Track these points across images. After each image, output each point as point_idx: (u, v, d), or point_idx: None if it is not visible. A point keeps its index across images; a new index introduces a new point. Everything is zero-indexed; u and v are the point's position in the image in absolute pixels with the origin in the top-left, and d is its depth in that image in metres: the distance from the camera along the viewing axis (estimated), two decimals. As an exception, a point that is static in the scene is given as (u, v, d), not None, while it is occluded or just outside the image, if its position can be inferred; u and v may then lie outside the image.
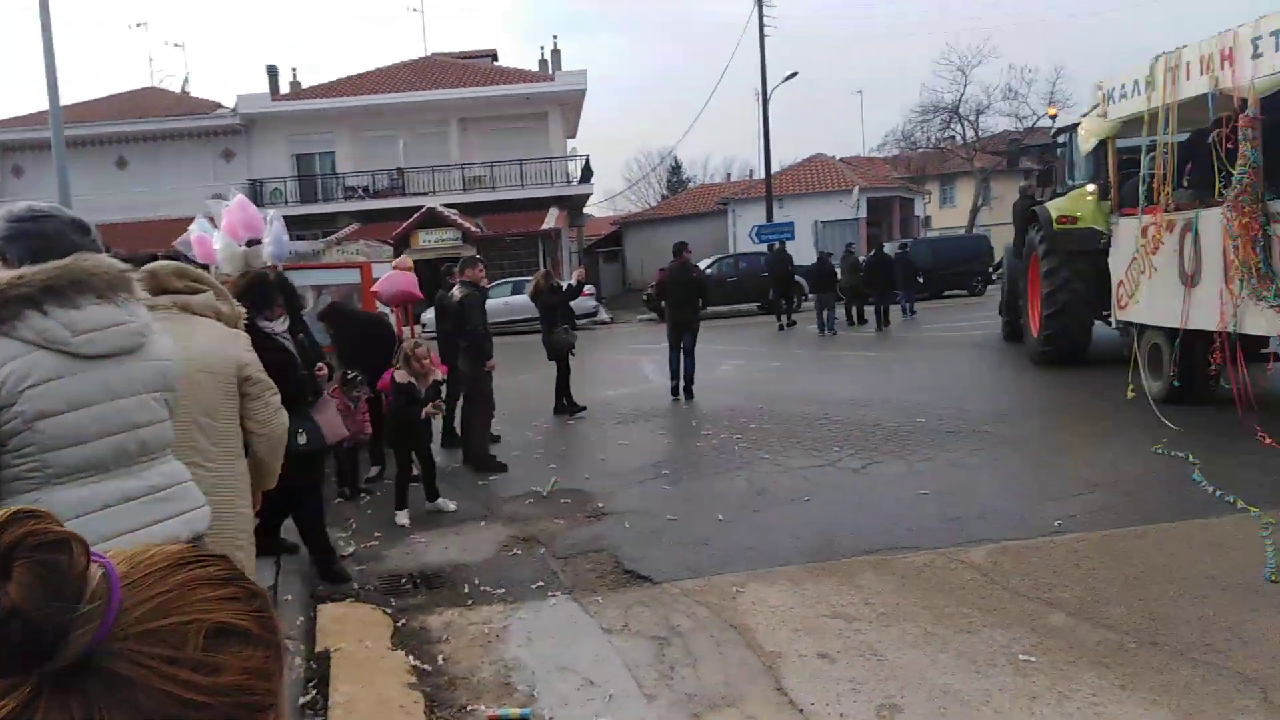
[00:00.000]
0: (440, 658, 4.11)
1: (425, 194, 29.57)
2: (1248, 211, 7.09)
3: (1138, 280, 8.90)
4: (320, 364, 5.14)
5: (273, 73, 32.29)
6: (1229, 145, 7.33)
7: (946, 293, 26.14)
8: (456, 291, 8.11)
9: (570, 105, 32.40)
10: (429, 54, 34.86)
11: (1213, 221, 7.55)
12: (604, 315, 28.29)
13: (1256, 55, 6.99)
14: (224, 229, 8.83)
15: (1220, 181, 7.44)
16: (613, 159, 57.19)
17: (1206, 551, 4.74)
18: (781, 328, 20.69)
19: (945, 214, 43.08)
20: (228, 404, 3.03)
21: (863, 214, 32.49)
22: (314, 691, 3.66)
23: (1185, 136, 8.41)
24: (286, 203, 28.72)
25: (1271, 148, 7.10)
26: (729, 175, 55.01)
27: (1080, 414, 8.47)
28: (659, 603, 4.65)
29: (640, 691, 3.73)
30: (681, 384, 10.81)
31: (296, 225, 13.90)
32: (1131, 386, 8.71)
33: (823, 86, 74.71)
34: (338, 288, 8.74)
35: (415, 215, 26.97)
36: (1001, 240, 19.43)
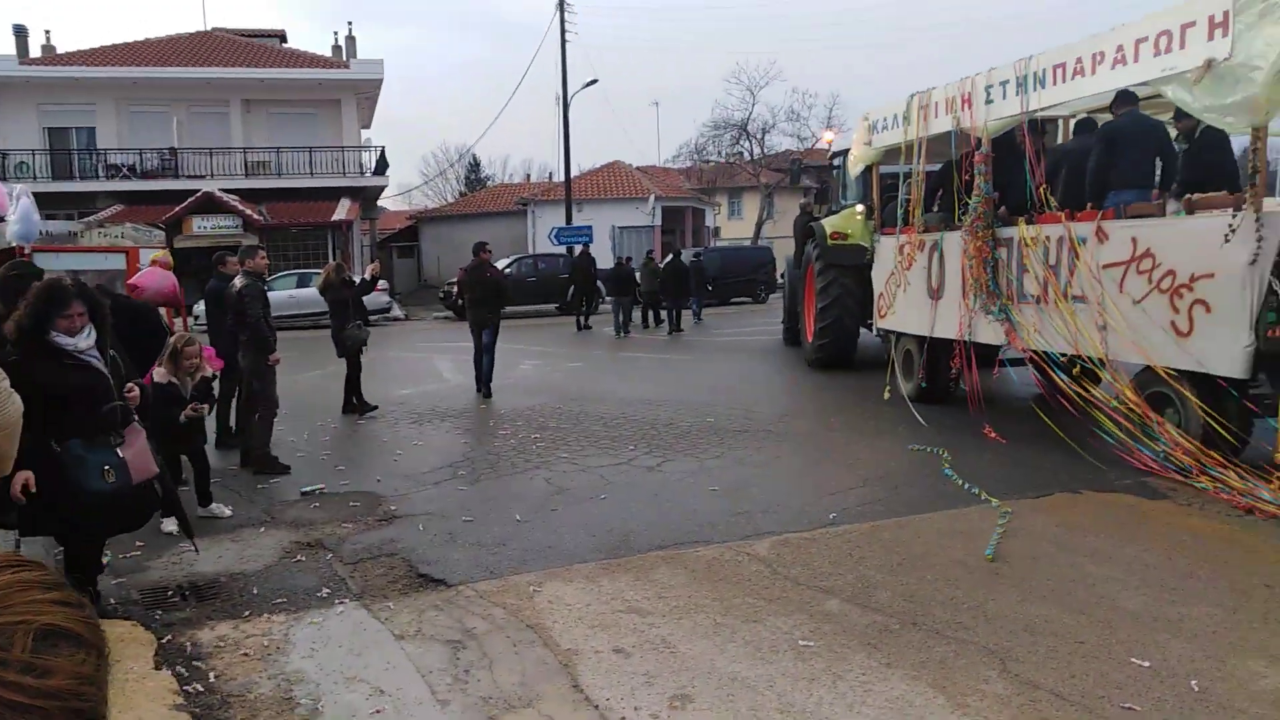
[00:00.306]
0: (212, 675, 3.81)
1: (202, 177, 27.42)
2: (980, 236, 8.03)
3: (894, 293, 9.84)
4: (130, 385, 4.36)
5: (20, 32, 28.73)
6: (967, 177, 8.27)
7: (733, 300, 27.42)
8: (237, 281, 7.58)
9: (365, 94, 31.12)
10: (209, 29, 32.31)
11: (954, 243, 8.53)
12: (398, 312, 27.40)
13: (989, 101, 7.97)
14: (-43, 203, 7.80)
15: (960, 209, 8.41)
16: (409, 152, 55.70)
17: (957, 539, 5.25)
18: (580, 329, 20.90)
19: (733, 225, 45.15)
20: None
21: (658, 222, 33.43)
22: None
23: (938, 166, 9.39)
24: (35, 178, 25.68)
25: (1001, 181, 8.06)
26: (529, 176, 54.92)
27: (851, 414, 9.14)
28: (454, 606, 4.56)
29: (433, 697, 3.64)
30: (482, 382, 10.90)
31: (47, 204, 12.43)
32: (889, 388, 9.73)
33: (621, 96, 76.31)
34: (99, 274, 7.93)
35: (190, 199, 24.95)
36: (784, 252, 20.68)
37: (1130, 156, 7.04)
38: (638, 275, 21.13)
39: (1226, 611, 4.08)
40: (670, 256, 21.93)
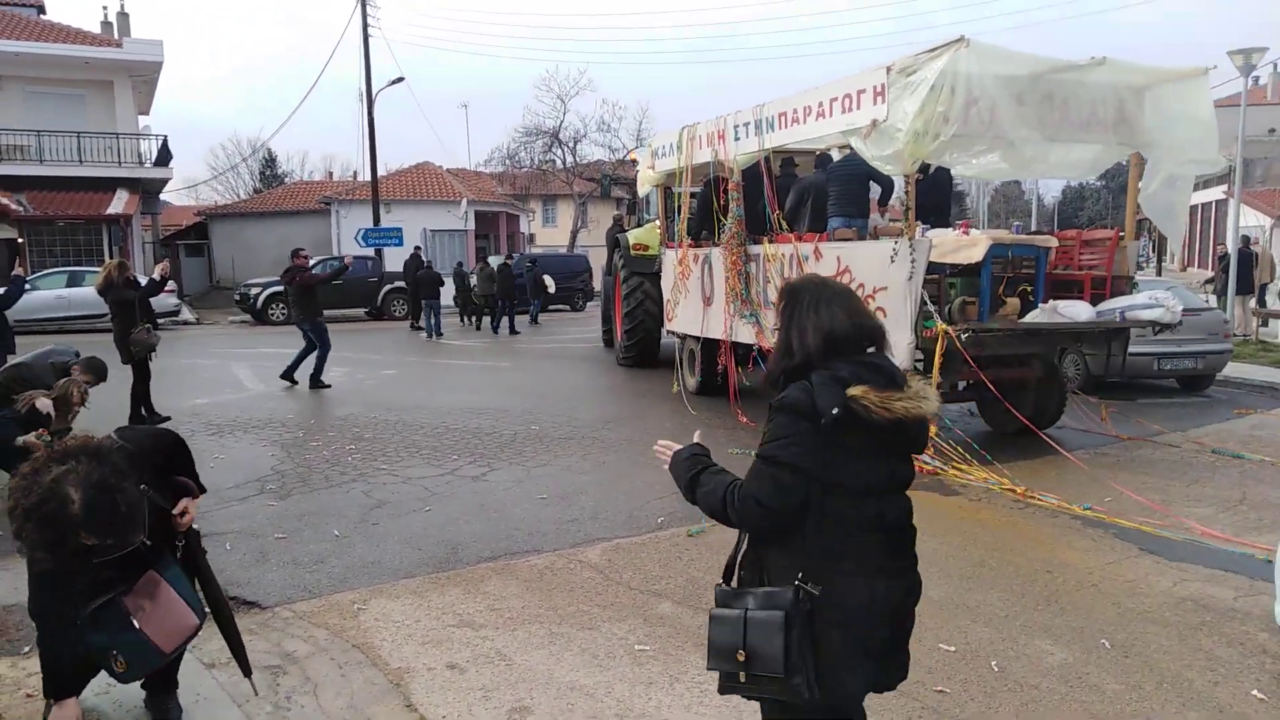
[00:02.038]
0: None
1: (-57, 159, 24.19)
2: (735, 251, 9.35)
3: (677, 299, 11.09)
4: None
5: None
6: (722, 202, 9.60)
7: (551, 306, 27.41)
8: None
9: (143, 77, 28.52)
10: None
11: (719, 258, 9.83)
12: (188, 315, 25.34)
13: (736, 138, 9.21)
14: None
15: (719, 229, 9.74)
16: (195, 144, 51.43)
17: (778, 538, 5.49)
18: (420, 332, 20.58)
19: (548, 232, 45.21)
20: None
21: (471, 226, 32.88)
22: None
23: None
24: None
25: (750, 205, 9.31)
26: (330, 174, 52.47)
27: (670, 419, 9.36)
28: (271, 629, 4.27)
29: (253, 729, 3.39)
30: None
31: None
32: (677, 383, 11.00)
33: (429, 96, 74.55)
34: None
35: (-71, 184, 21.95)
36: (599, 260, 21.22)
37: (842, 191, 8.41)
38: (472, 279, 22.18)
39: (1015, 596, 4.52)
40: (503, 260, 22.56)
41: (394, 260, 27.83)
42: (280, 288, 23.99)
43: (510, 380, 12.84)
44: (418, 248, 24.77)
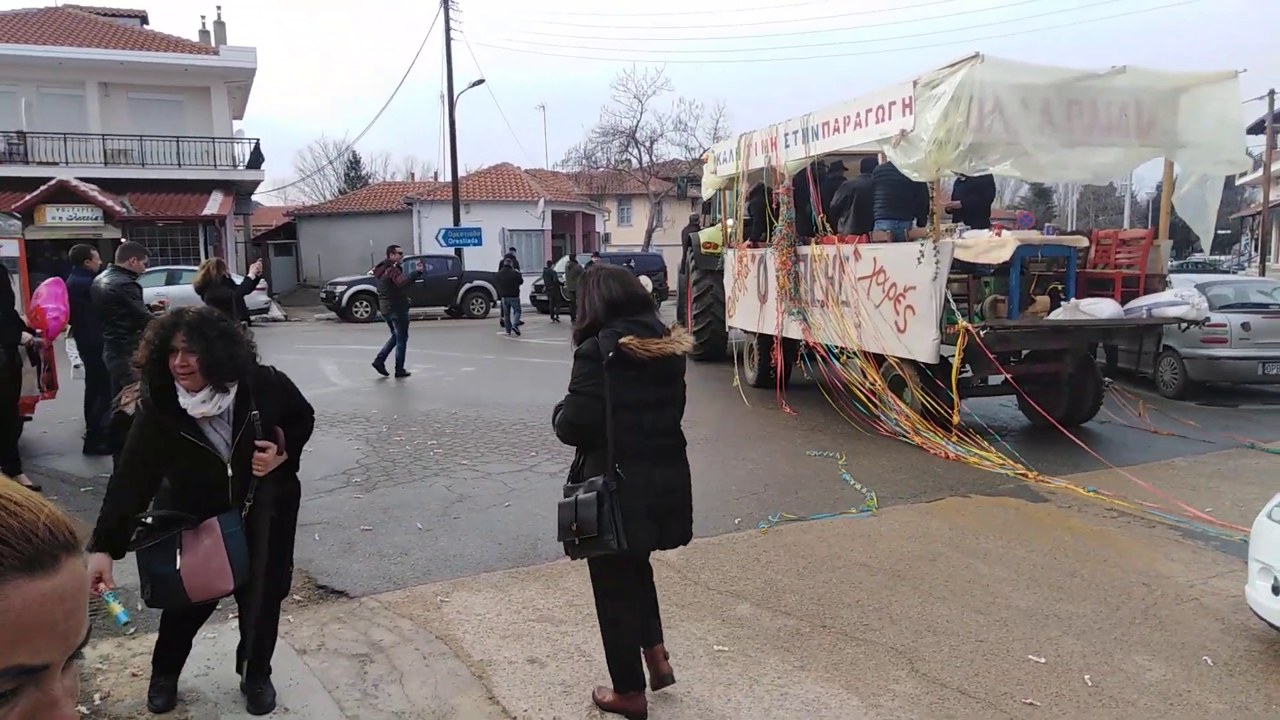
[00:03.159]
0: (97, 696, 3.53)
1: (55, 164, 25.49)
2: (785, 252, 9.93)
3: (737, 297, 11.73)
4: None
5: None
6: (774, 206, 10.17)
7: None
8: (105, 279, 7.11)
9: (237, 83, 29.64)
10: (60, 4, 30.08)
11: (771, 258, 10.40)
12: (277, 312, 26.24)
13: (787, 145, 9.80)
14: None
15: (770, 231, 10.38)
16: (284, 146, 53.28)
17: (858, 541, 5.42)
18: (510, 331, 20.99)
19: (623, 232, 45.39)
20: None
21: (548, 226, 33.24)
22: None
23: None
24: None
25: (800, 208, 9.91)
26: (412, 175, 53.71)
27: (744, 419, 9.31)
28: (358, 618, 4.38)
29: (342, 713, 3.49)
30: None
31: (-122, 185, 11.31)
32: (736, 377, 11.40)
33: (509, 97, 75.61)
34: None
35: (42, 188, 23.20)
36: (673, 259, 21.40)
37: (888, 195, 8.79)
38: (562, 277, 22.97)
39: (1110, 608, 4.35)
40: (591, 259, 23.15)
41: (473, 260, 28.34)
42: (364, 286, 24.80)
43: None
44: (513, 249, 25.45)
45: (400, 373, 12.63)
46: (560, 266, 25.19)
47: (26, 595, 0.66)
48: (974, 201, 9.15)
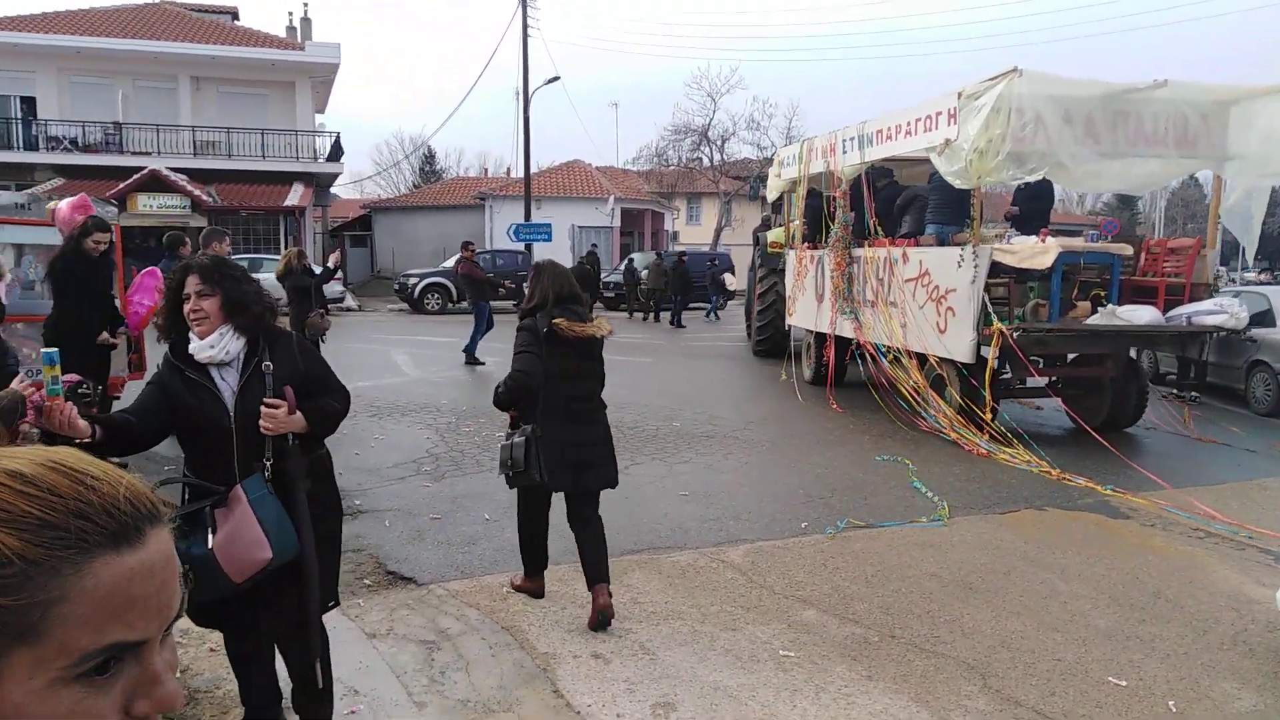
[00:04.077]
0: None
1: (148, 154, 26.54)
2: (840, 253, 10.34)
3: (796, 296, 12.22)
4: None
5: (-43, -7, 27.52)
6: (831, 209, 10.61)
7: (693, 305, 27.41)
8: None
9: (320, 78, 30.45)
10: (157, 0, 31.26)
11: (828, 259, 10.79)
12: (351, 302, 26.87)
13: (844, 151, 10.20)
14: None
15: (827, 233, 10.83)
16: (362, 140, 54.68)
17: (929, 551, 5.30)
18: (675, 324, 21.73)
19: (692, 230, 45.29)
20: None
21: (617, 223, 33.36)
22: None
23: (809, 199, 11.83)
24: (-30, 146, 24.62)
25: (856, 211, 10.31)
26: (485, 170, 54.41)
27: (815, 424, 9.19)
28: (426, 605, 4.45)
29: (410, 699, 3.54)
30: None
31: (-14, 172, 11.91)
32: (785, 373, 11.80)
33: (581, 94, 76.04)
34: (47, 249, 7.58)
35: (135, 176, 24.15)
36: (742, 258, 21.40)
37: (940, 201, 9.02)
38: (644, 274, 23.64)
39: (1196, 633, 4.17)
40: (679, 256, 24.11)
41: (542, 255, 28.59)
42: (436, 279, 25.29)
43: (652, 376, 12.93)
44: (594, 246, 25.90)
45: (472, 360, 13.10)
46: (641, 262, 25.39)
47: (116, 571, 0.66)
48: (1033, 208, 9.46)
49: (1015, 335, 7.67)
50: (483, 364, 12.98)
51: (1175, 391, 11.14)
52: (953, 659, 3.91)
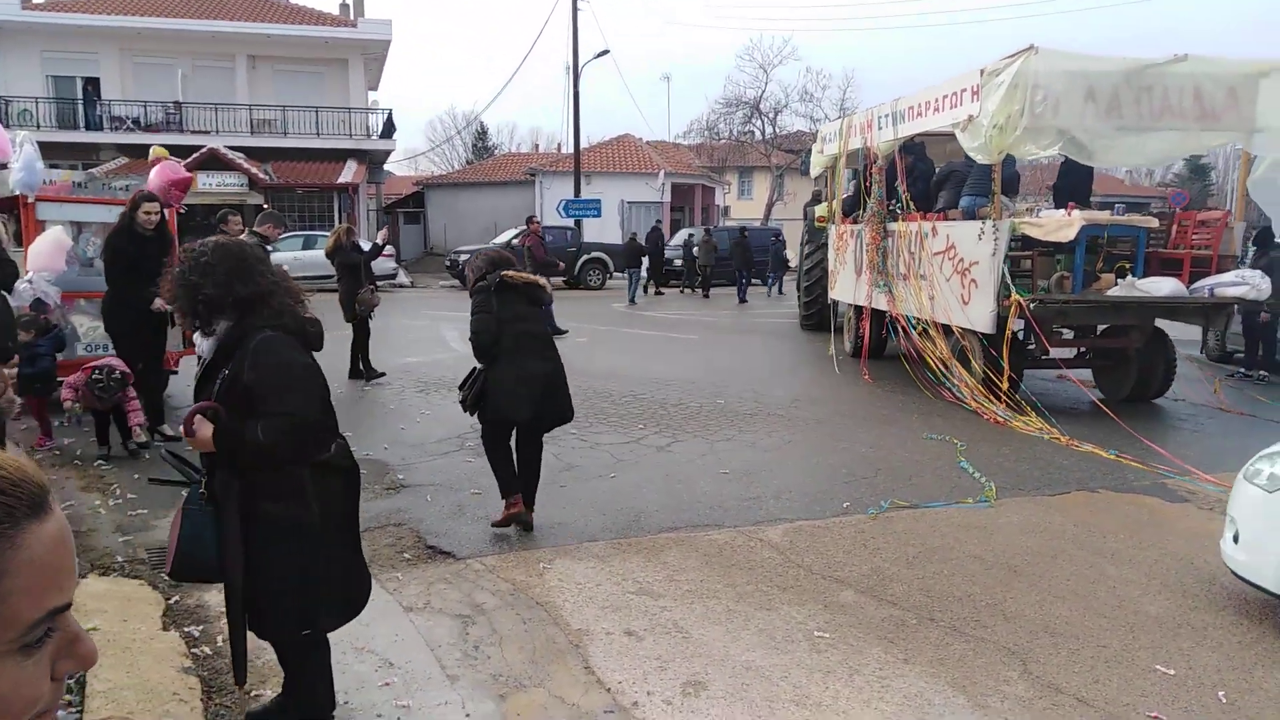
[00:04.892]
0: (220, 638, 3.73)
1: (207, 133, 27.12)
2: (875, 228, 10.68)
3: (838, 270, 12.55)
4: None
5: (25, -23, 28.28)
6: (867, 184, 10.98)
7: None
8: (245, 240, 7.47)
9: (373, 55, 30.72)
10: (217, -21, 31.74)
11: (865, 233, 11.12)
12: (404, 278, 27.21)
13: (880, 128, 10.46)
14: (-39, 147, 7.63)
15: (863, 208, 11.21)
16: (414, 116, 54.94)
17: (972, 533, 5.18)
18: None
19: (743, 205, 44.92)
20: None
21: (667, 198, 33.19)
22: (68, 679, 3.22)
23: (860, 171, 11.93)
24: (38, 127, 25.36)
25: (889, 187, 10.57)
26: (536, 146, 54.49)
27: (862, 401, 9.05)
28: (463, 579, 4.49)
29: (443, 672, 3.58)
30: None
31: (50, 153, 12.25)
32: (832, 348, 11.93)
33: (632, 67, 75.53)
34: (103, 226, 7.78)
35: (195, 155, 24.66)
36: (794, 233, 21.28)
37: (980, 175, 9.11)
38: (696, 250, 23.97)
39: (1252, 621, 4.01)
40: (740, 232, 24.44)
41: (592, 231, 28.60)
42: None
43: (698, 353, 12.87)
44: (658, 221, 26.16)
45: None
46: (697, 237, 25.52)
47: (42, 539, 0.68)
48: (1071, 183, 9.62)
49: (1032, 306, 7.90)
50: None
51: (1243, 370, 10.84)
52: (993, 643, 3.81)
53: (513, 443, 5.14)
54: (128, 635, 3.48)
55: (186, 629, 3.79)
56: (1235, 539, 4.07)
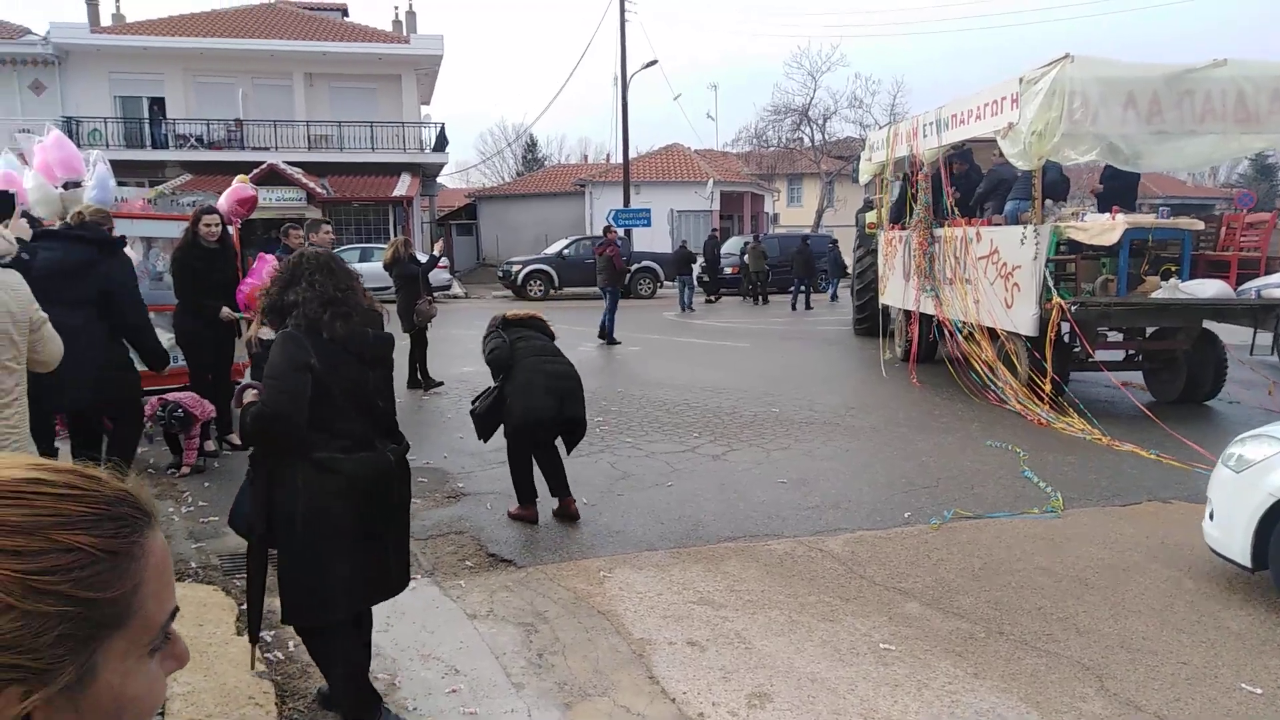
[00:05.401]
0: (291, 643, 3.81)
1: (266, 149, 27.79)
2: (922, 233, 10.84)
3: (887, 275, 12.67)
4: None
5: (92, 1, 29.34)
6: (914, 190, 11.22)
7: (790, 289, 27.03)
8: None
9: (425, 70, 31.23)
10: (273, 1, 32.61)
11: (912, 239, 11.30)
12: (457, 289, 27.56)
13: (925, 136, 10.74)
14: (36, 167, 7.92)
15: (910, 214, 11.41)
16: (466, 130, 55.80)
17: (1040, 544, 5.07)
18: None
19: (793, 212, 44.63)
20: None
21: (716, 206, 33.14)
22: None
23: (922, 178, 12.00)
24: (107, 146, 26.22)
25: (935, 193, 10.81)
26: (585, 157, 54.85)
27: (919, 408, 8.91)
28: (525, 587, 4.51)
29: (508, 680, 3.60)
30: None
31: (119, 171, 12.64)
32: (887, 350, 12.18)
33: (680, 77, 75.72)
34: (171, 241, 8.01)
35: (255, 171, 25.28)
36: (845, 241, 21.19)
37: (1023, 179, 9.23)
38: (745, 257, 24.05)
39: (1342, 637, 3.86)
40: (802, 239, 24.72)
41: (642, 240, 28.68)
42: (539, 265, 25.75)
43: (751, 360, 12.81)
44: (715, 230, 26.40)
45: (610, 340, 14.12)
46: (736, 245, 25.67)
47: (158, 545, 0.71)
48: (1117, 187, 9.69)
49: (1073, 309, 7.99)
50: (618, 343, 14.11)
51: None
52: (1066, 658, 3.72)
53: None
54: (204, 640, 3.56)
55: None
56: (1211, 517, 4.42)
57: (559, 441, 5.60)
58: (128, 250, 7.92)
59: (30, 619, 0.60)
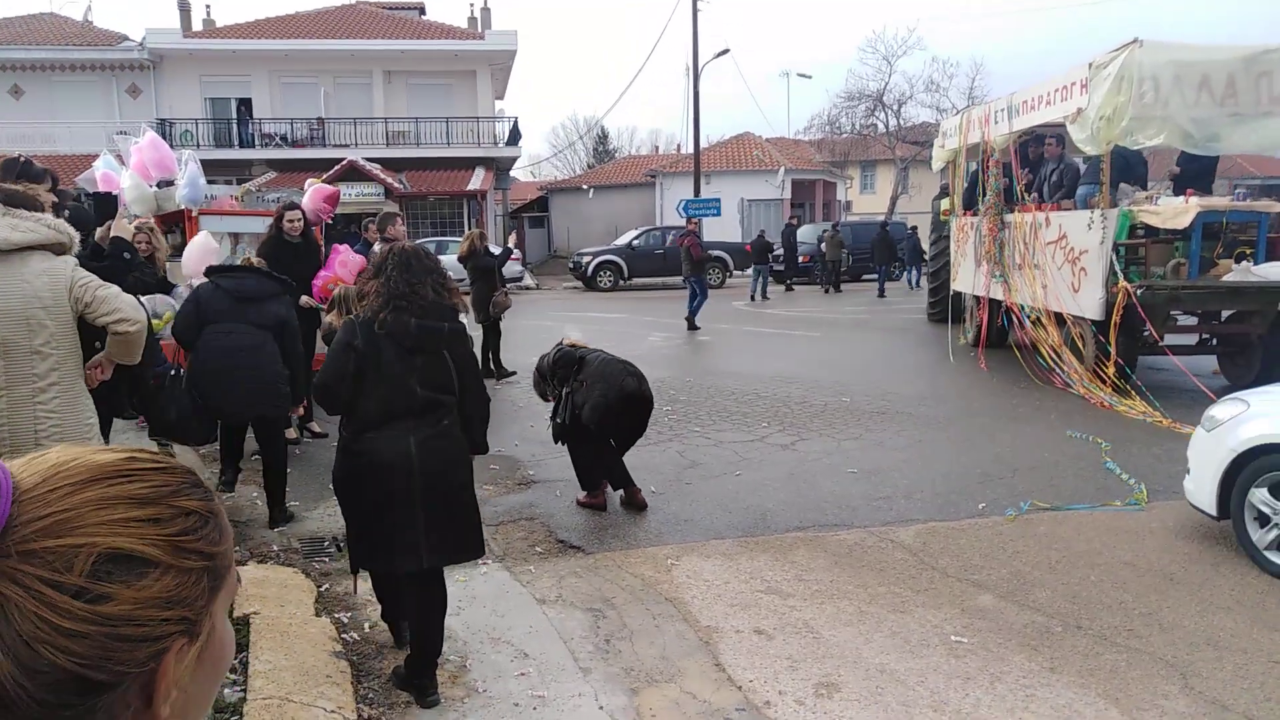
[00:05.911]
0: (366, 625, 3.94)
1: (346, 146, 28.52)
2: (992, 219, 10.86)
3: (959, 261, 12.71)
4: None
5: (184, 7, 30.50)
6: (985, 177, 11.14)
7: (865, 277, 26.60)
8: (378, 248, 7.82)
9: (500, 65, 31.60)
10: (353, 1, 33.41)
11: (983, 225, 11.30)
12: (530, 281, 27.89)
13: (997, 122, 10.69)
14: (133, 167, 8.30)
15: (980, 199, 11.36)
16: (538, 123, 56.38)
17: (1122, 537, 4.90)
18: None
19: (866, 199, 43.83)
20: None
21: (787, 194, 32.77)
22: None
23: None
24: (198, 146, 27.25)
25: (1007, 179, 10.66)
26: (656, 148, 54.79)
27: (996, 398, 8.68)
28: (593, 574, 4.57)
29: (576, 664, 3.65)
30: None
31: (208, 170, 13.15)
32: (962, 336, 12.32)
33: (751, 65, 74.98)
34: (256, 237, 8.31)
35: (336, 167, 26.00)
36: (921, 229, 20.75)
37: (1096, 165, 9.13)
38: (822, 245, 23.82)
39: None
40: (881, 227, 24.56)
41: (712, 230, 28.54)
42: (609, 257, 25.87)
43: (821, 350, 12.66)
44: (793, 218, 26.26)
45: (692, 326, 14.61)
46: (811, 233, 25.39)
47: (222, 511, 0.75)
48: (1193, 170, 9.56)
49: (1139, 292, 7.95)
50: (698, 328, 14.50)
51: None
52: (1148, 655, 3.60)
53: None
54: (285, 620, 3.71)
55: (336, 615, 4.01)
56: (1186, 473, 4.84)
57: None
58: (217, 243, 8.28)
59: (183, 575, 0.66)
